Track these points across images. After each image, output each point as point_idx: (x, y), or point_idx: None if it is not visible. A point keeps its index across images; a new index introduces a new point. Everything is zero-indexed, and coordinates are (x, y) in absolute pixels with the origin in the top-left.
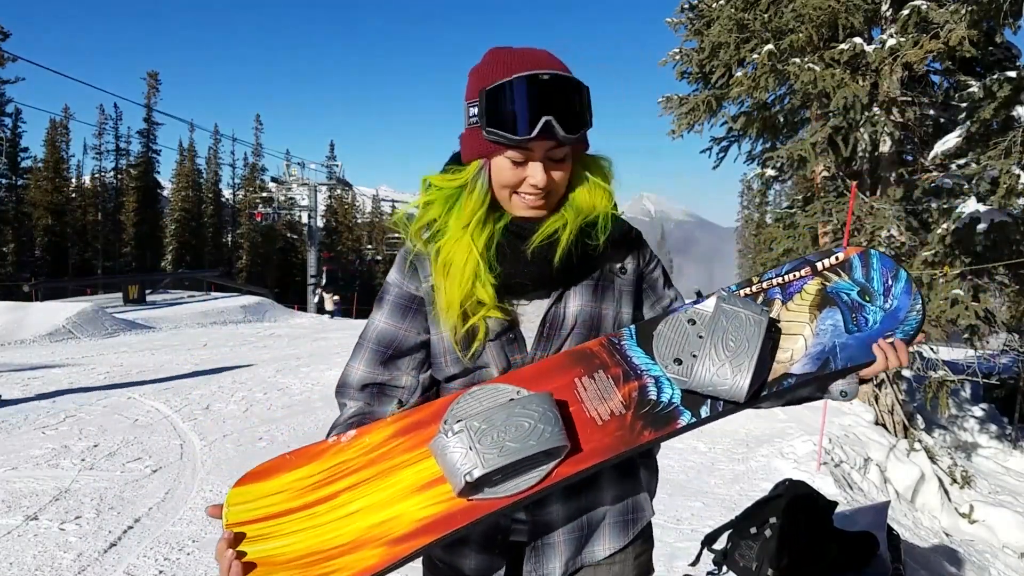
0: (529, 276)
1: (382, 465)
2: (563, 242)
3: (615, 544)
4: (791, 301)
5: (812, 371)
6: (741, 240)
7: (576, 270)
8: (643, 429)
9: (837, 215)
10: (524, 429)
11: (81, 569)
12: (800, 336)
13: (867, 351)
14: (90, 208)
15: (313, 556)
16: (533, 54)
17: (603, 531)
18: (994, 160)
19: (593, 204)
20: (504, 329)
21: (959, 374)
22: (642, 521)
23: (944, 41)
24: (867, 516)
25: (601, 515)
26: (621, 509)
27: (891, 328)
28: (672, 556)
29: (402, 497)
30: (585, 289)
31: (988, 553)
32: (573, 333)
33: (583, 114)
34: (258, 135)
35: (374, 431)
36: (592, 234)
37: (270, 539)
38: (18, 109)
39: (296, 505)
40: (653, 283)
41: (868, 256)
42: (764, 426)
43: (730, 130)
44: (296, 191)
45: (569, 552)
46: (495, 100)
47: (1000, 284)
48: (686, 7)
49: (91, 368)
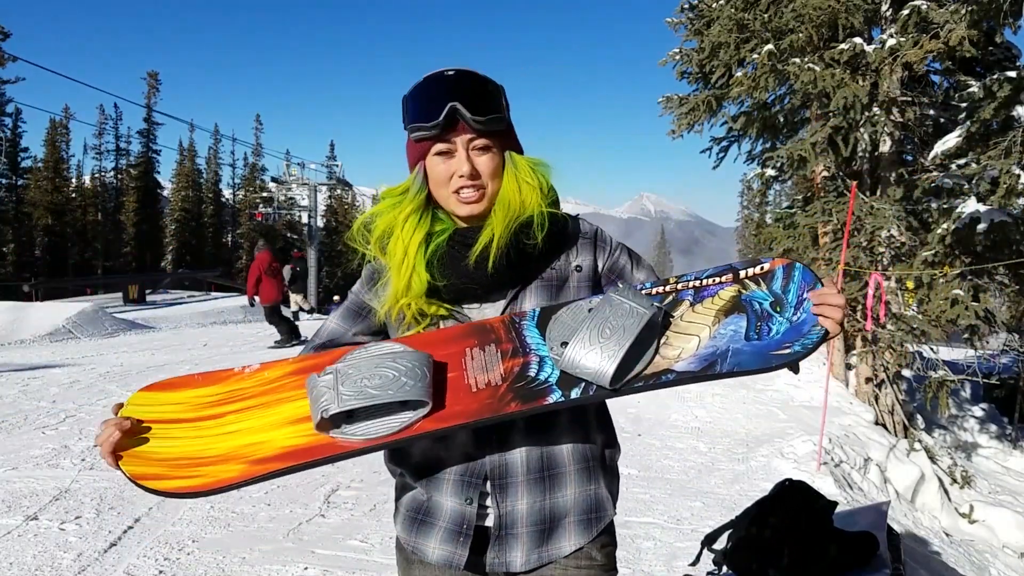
0: (476, 283)
1: (270, 397)
2: (494, 247)
3: (579, 540)
4: (701, 304)
5: (694, 371)
6: (741, 240)
7: (525, 271)
8: (511, 401)
9: (837, 215)
10: (387, 379)
11: (81, 569)
12: (696, 337)
13: (758, 360)
14: (90, 208)
15: (185, 460)
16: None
17: (567, 528)
18: (994, 160)
19: (522, 202)
20: None
21: (959, 374)
22: (604, 520)
23: (944, 41)
24: (867, 516)
25: (564, 512)
26: (584, 508)
27: (790, 340)
28: (672, 556)
29: (276, 426)
30: (539, 288)
31: (988, 553)
32: None
33: (489, 102)
34: (258, 135)
35: (275, 367)
36: (529, 234)
37: (155, 439)
38: (18, 109)
39: (188, 417)
40: (620, 272)
41: (791, 268)
42: (764, 426)
43: (730, 130)
44: (296, 191)
45: (531, 544)
46: (412, 100)
47: (1000, 284)
48: (686, 7)
49: (91, 368)
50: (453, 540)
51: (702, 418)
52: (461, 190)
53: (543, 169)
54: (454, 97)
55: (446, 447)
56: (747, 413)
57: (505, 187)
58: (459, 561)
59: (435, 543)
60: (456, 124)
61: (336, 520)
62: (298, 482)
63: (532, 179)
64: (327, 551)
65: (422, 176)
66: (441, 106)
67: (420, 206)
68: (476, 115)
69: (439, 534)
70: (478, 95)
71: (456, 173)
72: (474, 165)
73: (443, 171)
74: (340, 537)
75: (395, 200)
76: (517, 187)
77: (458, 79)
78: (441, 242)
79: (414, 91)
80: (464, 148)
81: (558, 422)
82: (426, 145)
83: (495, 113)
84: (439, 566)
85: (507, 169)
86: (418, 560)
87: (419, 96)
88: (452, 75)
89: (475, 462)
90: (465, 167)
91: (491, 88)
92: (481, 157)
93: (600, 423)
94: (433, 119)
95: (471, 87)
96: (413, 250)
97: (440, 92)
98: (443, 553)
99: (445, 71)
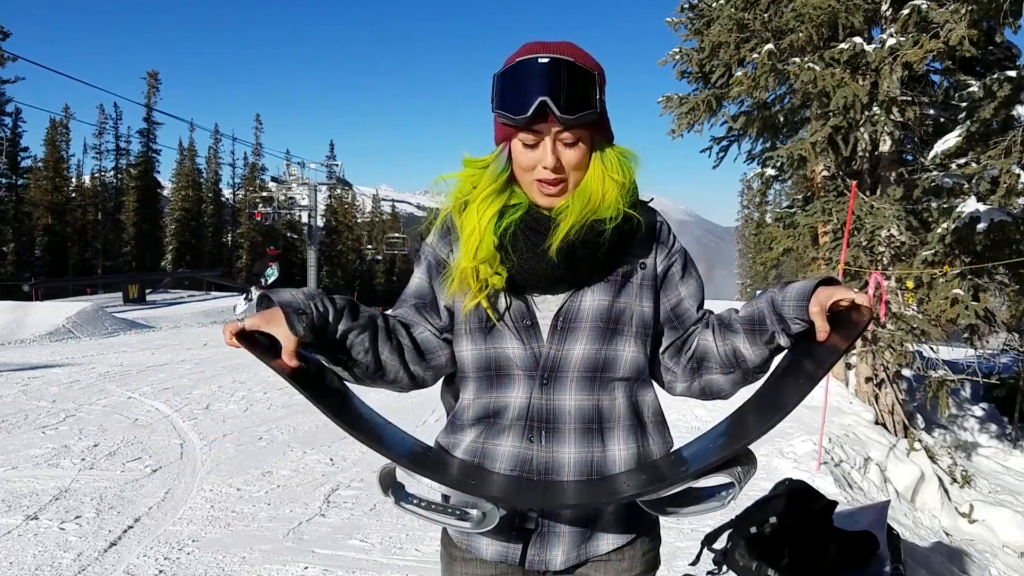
0: (540, 271)
1: None
2: (563, 239)
3: (618, 541)
4: None
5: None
6: (741, 240)
7: (592, 265)
8: None
9: (837, 215)
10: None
11: (81, 569)
12: None
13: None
14: (90, 208)
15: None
16: (549, 43)
17: (607, 528)
18: (994, 159)
19: (603, 196)
20: (522, 315)
21: (959, 374)
22: (646, 519)
23: (944, 41)
24: (867, 516)
25: (604, 513)
26: (625, 507)
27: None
28: (672, 556)
29: None
30: (603, 284)
31: (988, 553)
32: (588, 327)
33: (582, 97)
34: (258, 135)
35: None
36: (602, 230)
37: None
38: (18, 109)
39: None
40: (670, 278)
41: None
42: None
43: (730, 130)
44: (296, 191)
45: (572, 543)
46: (501, 84)
47: (1000, 284)
48: (686, 7)
49: (91, 367)
50: (505, 535)
51: (702, 418)
52: (543, 183)
53: (631, 163)
54: (545, 91)
55: (496, 443)
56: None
57: (589, 178)
58: (514, 556)
59: (488, 540)
60: (546, 117)
61: (336, 520)
62: (298, 482)
63: (619, 174)
64: (327, 551)
65: (506, 157)
66: (531, 100)
67: (500, 187)
68: (566, 112)
69: (491, 532)
70: (572, 88)
71: (540, 164)
72: (559, 158)
73: (528, 160)
74: (340, 537)
75: (475, 173)
76: (602, 180)
77: (552, 69)
78: (514, 219)
79: (505, 73)
80: (551, 140)
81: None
82: (512, 130)
83: (587, 108)
84: (493, 562)
85: (594, 161)
86: (462, 558)
87: (509, 81)
88: (546, 63)
89: (523, 462)
90: (550, 159)
91: (587, 78)
92: (568, 151)
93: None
94: (521, 113)
95: (565, 79)
96: (485, 222)
97: (531, 81)
98: (498, 548)
99: (538, 57)
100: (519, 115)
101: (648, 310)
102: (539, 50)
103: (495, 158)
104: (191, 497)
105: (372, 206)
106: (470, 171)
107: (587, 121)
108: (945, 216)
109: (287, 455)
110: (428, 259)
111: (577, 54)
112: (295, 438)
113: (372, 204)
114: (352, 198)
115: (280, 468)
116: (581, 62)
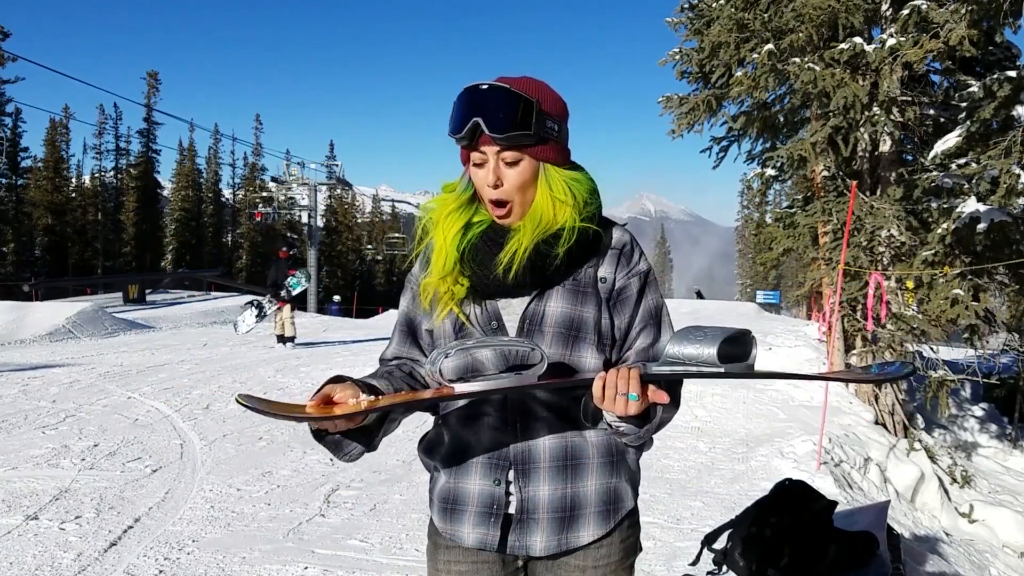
0: (499, 283)
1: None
2: (518, 257)
3: (598, 531)
4: None
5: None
6: (741, 240)
7: (548, 276)
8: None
9: (837, 215)
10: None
11: (81, 569)
12: None
13: None
14: (90, 208)
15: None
16: (507, 77)
17: (586, 519)
18: (994, 160)
19: (554, 216)
20: (488, 318)
21: (959, 374)
22: (623, 510)
23: (944, 41)
24: (867, 516)
25: (584, 502)
26: (604, 499)
27: None
28: (672, 556)
29: None
30: (566, 291)
31: (988, 553)
32: (552, 332)
33: (516, 119)
34: (258, 135)
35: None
36: (555, 244)
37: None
38: (18, 109)
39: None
40: (626, 298)
41: None
42: (764, 426)
43: (730, 130)
44: (296, 191)
45: (551, 530)
46: (453, 109)
47: (1000, 284)
48: (686, 7)
49: (91, 368)
50: (484, 522)
51: (702, 418)
52: (492, 204)
53: (578, 185)
54: (478, 112)
55: (475, 433)
56: (747, 413)
57: (538, 200)
58: (492, 543)
59: (469, 527)
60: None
61: (336, 520)
62: (298, 482)
63: (565, 196)
64: (327, 551)
65: (467, 178)
66: (466, 120)
67: (464, 204)
68: (495, 131)
69: (471, 518)
70: (505, 110)
71: (485, 182)
72: (500, 176)
73: (478, 179)
74: (340, 537)
75: (446, 195)
76: (551, 202)
77: (488, 94)
78: (476, 233)
79: (456, 100)
80: (495, 159)
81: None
82: (467, 152)
83: (520, 129)
84: (474, 549)
85: (540, 183)
86: (444, 545)
87: (455, 106)
88: (484, 89)
89: (501, 449)
90: (491, 176)
91: (521, 102)
92: (510, 170)
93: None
94: (458, 132)
95: (498, 102)
96: (450, 237)
97: (468, 106)
98: (478, 536)
99: (480, 84)
100: (456, 134)
101: (607, 322)
102: (488, 81)
103: (460, 179)
104: (191, 497)
105: (372, 206)
106: (443, 196)
107: (522, 143)
108: (945, 216)
109: (287, 455)
110: (413, 288)
111: (523, 85)
112: (295, 438)
113: (372, 204)
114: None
115: (280, 468)
116: (518, 89)
